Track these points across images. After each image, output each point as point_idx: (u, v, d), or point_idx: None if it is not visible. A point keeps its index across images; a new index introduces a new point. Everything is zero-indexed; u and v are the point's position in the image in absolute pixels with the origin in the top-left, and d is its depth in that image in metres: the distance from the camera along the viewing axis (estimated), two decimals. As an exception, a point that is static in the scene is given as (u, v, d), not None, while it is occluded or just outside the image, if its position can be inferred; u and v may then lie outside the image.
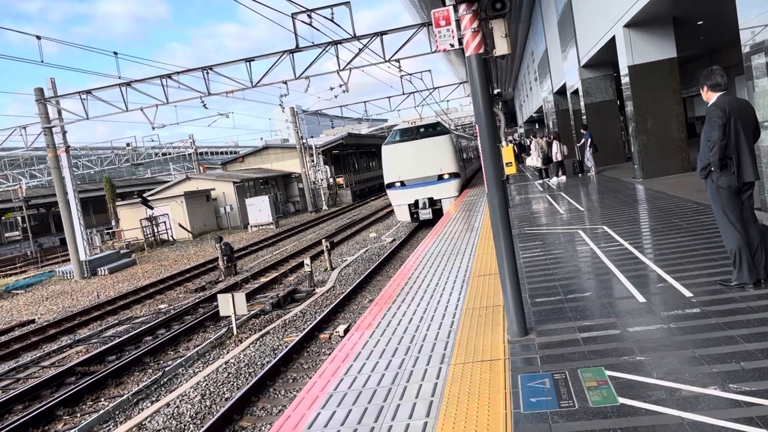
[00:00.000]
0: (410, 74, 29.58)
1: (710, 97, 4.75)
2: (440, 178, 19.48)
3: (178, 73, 20.29)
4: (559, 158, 19.04)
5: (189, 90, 20.70)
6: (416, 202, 19.66)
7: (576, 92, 21.86)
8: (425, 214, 19.37)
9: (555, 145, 18.98)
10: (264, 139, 70.18)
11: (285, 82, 21.21)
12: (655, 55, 14.03)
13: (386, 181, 20.29)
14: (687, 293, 4.98)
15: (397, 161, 19.83)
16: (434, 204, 19.46)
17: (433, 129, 20.33)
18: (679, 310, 4.60)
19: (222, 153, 78.28)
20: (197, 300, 14.24)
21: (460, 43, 4.55)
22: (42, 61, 18.85)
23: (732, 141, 4.57)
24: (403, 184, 19.76)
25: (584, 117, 20.65)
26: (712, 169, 4.67)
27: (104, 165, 47.33)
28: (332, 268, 15.95)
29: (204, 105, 21.52)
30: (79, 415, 8.10)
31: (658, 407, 3.15)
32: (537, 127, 47.44)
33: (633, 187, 13.56)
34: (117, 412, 7.72)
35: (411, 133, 20.24)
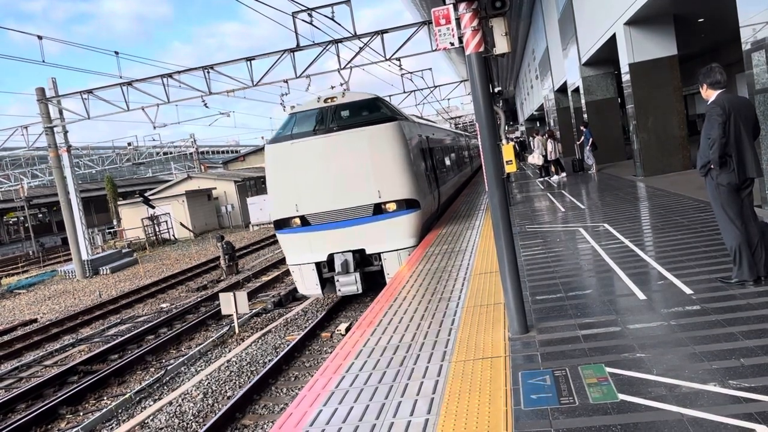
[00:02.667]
0: (411, 72, 29.65)
1: (710, 94, 4.76)
2: (378, 210, 10.07)
3: (179, 72, 20.30)
4: (553, 157, 18.95)
5: (190, 89, 20.74)
6: (331, 261, 10.28)
7: (577, 90, 21.84)
8: (347, 284, 10.00)
9: (550, 144, 18.93)
10: (265, 138, 70.17)
11: (286, 81, 21.19)
12: (655, 52, 14.02)
13: (273, 217, 10.69)
14: (687, 290, 4.99)
15: (294, 178, 10.19)
16: (368, 263, 10.40)
17: (369, 111, 10.59)
18: (679, 308, 4.61)
19: (223, 152, 78.36)
20: (199, 299, 14.28)
21: (461, 41, 4.56)
22: (43, 61, 19.08)
23: (732, 138, 4.58)
24: (304, 222, 10.23)
25: (585, 115, 20.64)
26: (712, 166, 4.68)
27: (106, 164, 47.43)
28: (333, 267, 15.95)
29: (205, 104, 21.53)
30: (81, 413, 8.14)
31: (658, 403, 3.17)
32: (538, 125, 47.40)
33: (634, 185, 13.56)
34: (119, 411, 7.76)
35: (321, 121, 10.39)
